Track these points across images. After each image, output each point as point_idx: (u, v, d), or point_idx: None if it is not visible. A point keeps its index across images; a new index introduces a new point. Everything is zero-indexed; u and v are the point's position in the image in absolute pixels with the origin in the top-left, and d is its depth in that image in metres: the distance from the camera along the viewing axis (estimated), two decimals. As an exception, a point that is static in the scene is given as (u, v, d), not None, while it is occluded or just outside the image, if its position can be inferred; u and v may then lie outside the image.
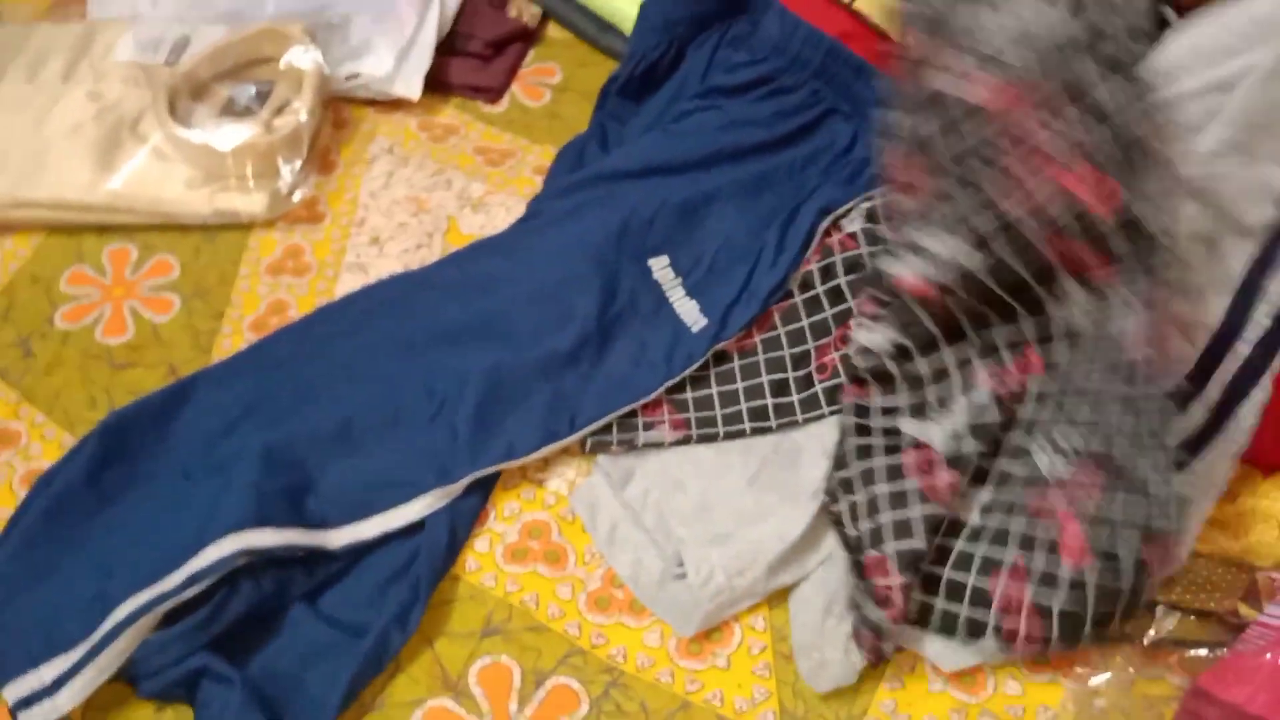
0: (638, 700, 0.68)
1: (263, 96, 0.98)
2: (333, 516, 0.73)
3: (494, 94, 1.08)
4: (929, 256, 0.68)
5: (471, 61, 1.09)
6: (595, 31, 1.12)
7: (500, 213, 0.96)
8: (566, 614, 0.72)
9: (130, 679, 0.67)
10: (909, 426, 0.73)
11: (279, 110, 0.97)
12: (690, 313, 0.84)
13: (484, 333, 0.82)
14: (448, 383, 0.80)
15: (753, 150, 0.91)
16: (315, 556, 0.72)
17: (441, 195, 0.98)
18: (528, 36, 1.12)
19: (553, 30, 1.14)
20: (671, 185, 0.90)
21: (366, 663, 0.67)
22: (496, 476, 0.78)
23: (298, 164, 0.95)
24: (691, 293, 0.86)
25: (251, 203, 0.94)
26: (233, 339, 0.88)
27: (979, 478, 0.71)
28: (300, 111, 0.96)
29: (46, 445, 0.81)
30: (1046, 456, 0.67)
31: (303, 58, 0.99)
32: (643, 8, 1.01)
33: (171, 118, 0.95)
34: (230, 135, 0.94)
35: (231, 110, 0.98)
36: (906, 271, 0.70)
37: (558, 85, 1.09)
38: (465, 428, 0.78)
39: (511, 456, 0.76)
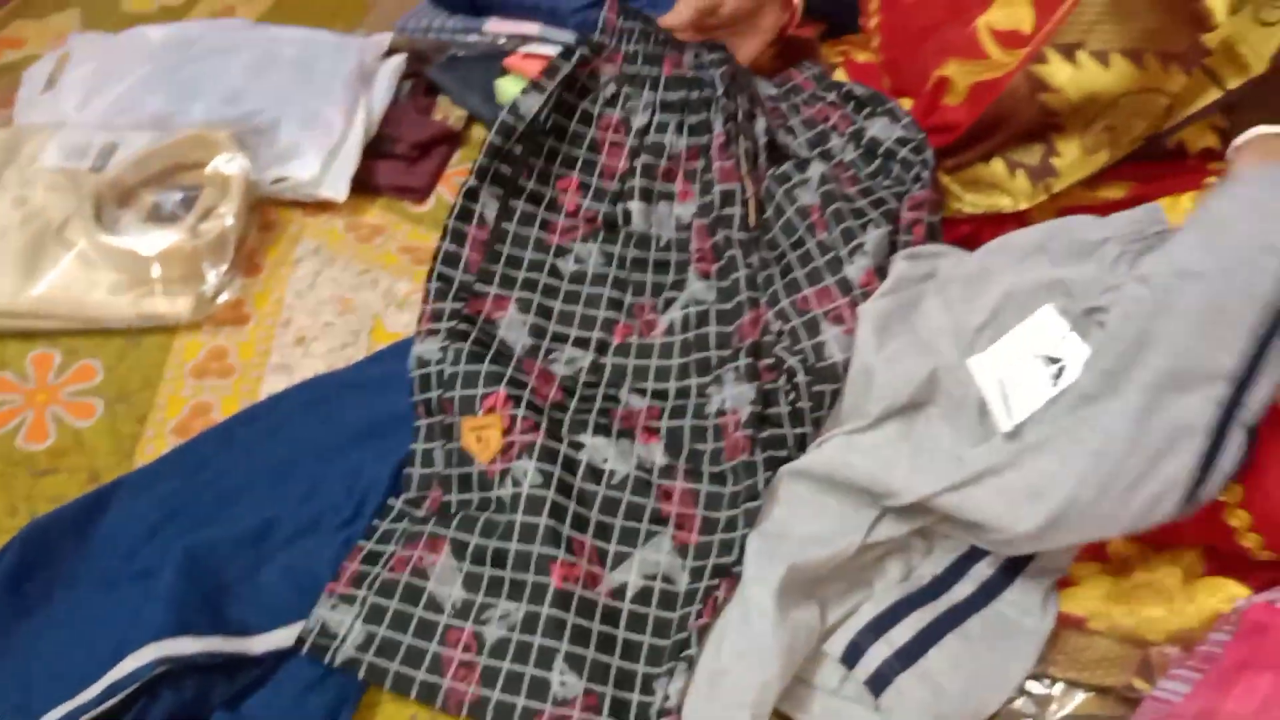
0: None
1: (189, 202, 1.00)
2: (254, 623, 0.73)
3: (420, 194, 1.10)
4: None
5: (398, 163, 1.12)
6: (519, 133, 1.15)
7: (425, 311, 0.98)
8: (490, 712, 0.72)
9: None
10: None
11: (205, 215, 0.99)
12: None
13: (405, 431, 0.84)
14: (368, 482, 0.81)
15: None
16: (237, 662, 0.72)
17: (367, 295, 0.99)
18: (453, 138, 1.16)
19: (478, 131, 1.17)
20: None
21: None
22: (420, 575, 0.79)
23: (223, 267, 0.97)
24: None
25: (176, 306, 0.95)
26: (155, 443, 0.88)
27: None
28: (226, 216, 0.98)
29: (-36, 555, 0.81)
30: None
31: (229, 164, 1.01)
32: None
33: (97, 224, 0.96)
34: (155, 240, 0.95)
35: (157, 216, 1.00)
36: None
37: (482, 185, 1.11)
38: (385, 528, 0.79)
39: (435, 555, 0.77)
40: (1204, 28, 0.81)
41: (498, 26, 1.19)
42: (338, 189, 1.05)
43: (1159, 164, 0.91)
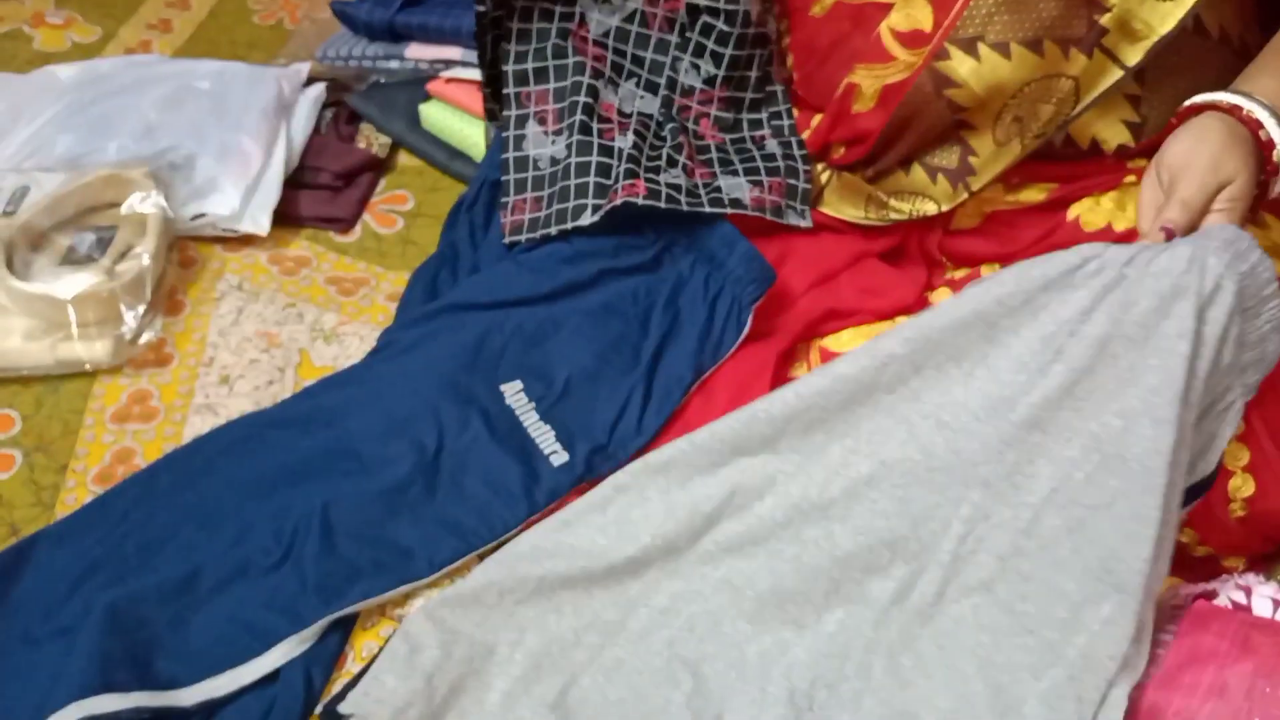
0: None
1: (104, 243, 0.98)
2: (183, 675, 0.71)
3: (346, 224, 1.09)
4: None
5: (322, 193, 1.10)
6: (445, 158, 1.14)
7: (354, 342, 0.96)
8: (430, 752, 0.71)
9: None
10: None
11: (122, 256, 0.97)
12: (547, 440, 0.84)
13: (333, 467, 0.82)
14: (296, 522, 0.79)
15: (598, 279, 0.93)
16: (166, 715, 0.69)
17: (293, 329, 0.98)
18: (377, 166, 1.14)
19: (403, 158, 1.16)
20: (520, 315, 0.91)
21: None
22: (355, 616, 0.77)
23: (141, 309, 0.94)
24: (544, 418, 0.86)
25: (95, 350, 0.93)
26: (77, 493, 0.85)
27: None
28: (143, 256, 0.96)
29: (-123, 618, 0.77)
30: None
31: (144, 202, 0.99)
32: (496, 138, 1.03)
33: (9, 270, 0.93)
34: (71, 284, 0.93)
35: (72, 258, 0.97)
36: None
37: (410, 212, 1.10)
38: (314, 569, 0.76)
39: (366, 597, 0.75)
40: (1099, 9, 0.82)
41: (419, 52, 1.18)
42: (259, 222, 1.03)
43: (1077, 164, 0.92)
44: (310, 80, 1.18)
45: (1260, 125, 0.75)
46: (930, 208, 0.94)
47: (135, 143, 1.07)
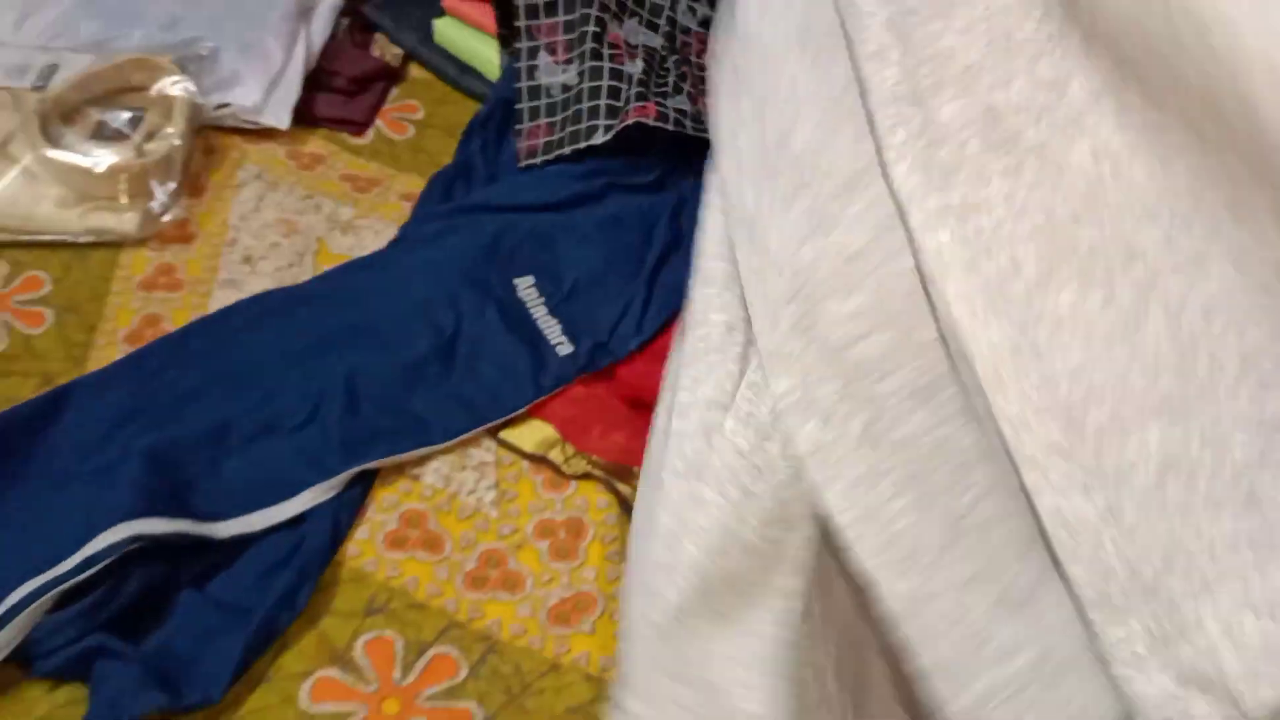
0: (512, 663, 0.75)
1: (134, 121, 1.02)
2: (219, 510, 0.78)
3: (359, 127, 1.14)
4: None
5: (337, 96, 1.15)
6: (455, 73, 1.20)
7: (369, 235, 1.02)
8: (444, 593, 0.78)
9: (25, 660, 0.70)
10: None
11: (150, 135, 1.01)
12: (554, 332, 0.92)
13: (356, 341, 0.89)
14: (322, 388, 0.86)
15: (606, 193, 1.01)
16: (202, 545, 0.76)
17: (311, 219, 1.03)
18: (391, 75, 1.20)
19: (414, 70, 1.21)
20: (534, 219, 0.98)
21: (256, 640, 0.72)
22: (375, 472, 0.84)
23: (170, 186, 0.99)
24: (553, 312, 0.94)
25: (123, 222, 0.98)
26: (107, 351, 0.91)
27: None
28: (173, 136, 1.01)
29: (-81, 451, 0.83)
30: None
31: (174, 86, 1.04)
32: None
33: (44, 139, 0.98)
34: (103, 157, 0.97)
35: (102, 134, 1.02)
36: None
37: (420, 121, 1.16)
38: (338, 429, 0.84)
39: (387, 455, 0.83)
40: None
41: (434, -32, 1.22)
42: (280, 117, 1.09)
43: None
44: (327, -12, 1.23)
45: None
46: None
47: (160, 32, 1.11)
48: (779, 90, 0.69)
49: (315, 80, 1.14)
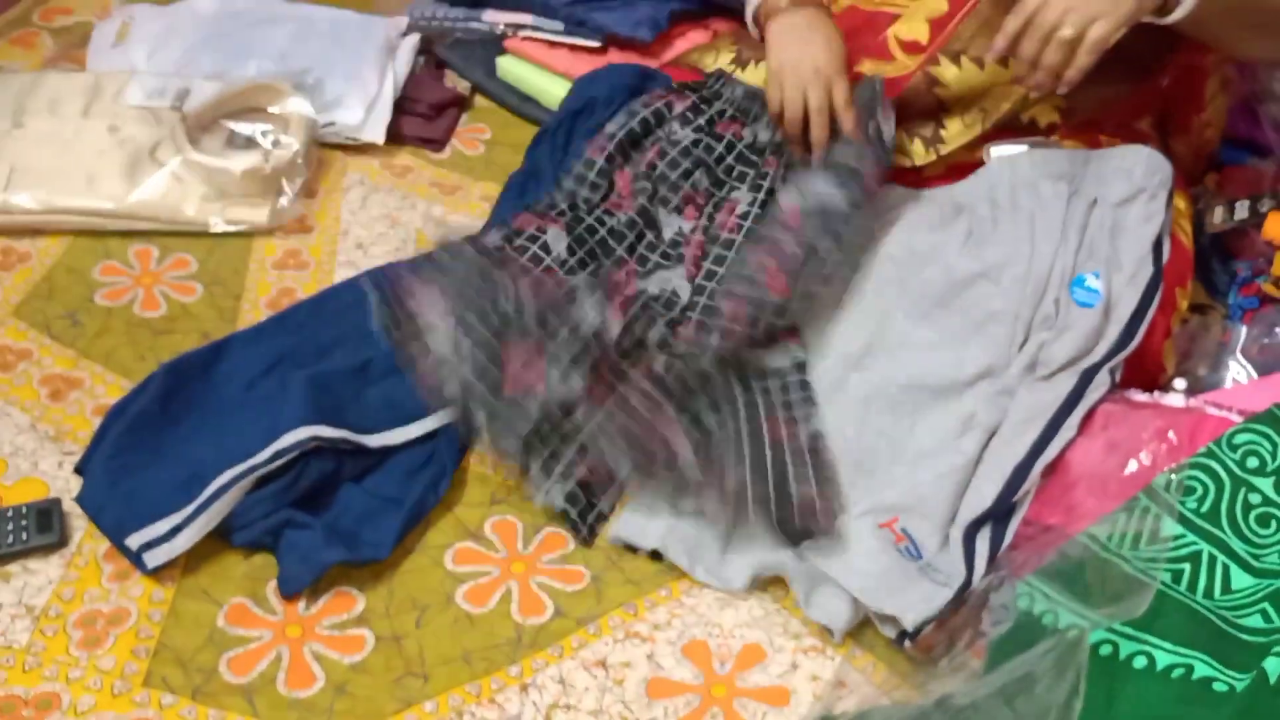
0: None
1: (263, 133, 1.22)
2: (369, 426, 0.96)
3: (438, 145, 1.35)
4: None
5: (419, 119, 1.36)
6: (516, 102, 1.41)
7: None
8: (552, 491, 0.97)
9: (226, 532, 0.87)
10: None
11: (275, 146, 1.21)
12: None
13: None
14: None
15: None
16: (358, 450, 0.94)
17: (409, 214, 1.23)
18: (462, 103, 1.40)
19: (481, 100, 1.42)
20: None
21: (410, 516, 0.90)
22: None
23: (294, 185, 1.19)
24: None
25: (256, 214, 1.17)
26: (252, 313, 1.09)
27: None
28: (295, 145, 1.20)
29: (109, 387, 1.00)
30: None
31: (294, 105, 1.24)
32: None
33: (191, 146, 1.17)
34: (239, 160, 1.17)
35: (234, 144, 1.21)
36: None
37: (489, 140, 1.37)
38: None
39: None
40: None
41: (495, 16, 1.44)
42: (377, 133, 1.29)
43: (1016, 133, 1.22)
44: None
45: None
46: (905, 161, 1.23)
47: (272, 64, 1.32)
48: None
49: (400, 106, 1.34)
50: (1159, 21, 0.95)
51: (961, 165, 1.22)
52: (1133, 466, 0.87)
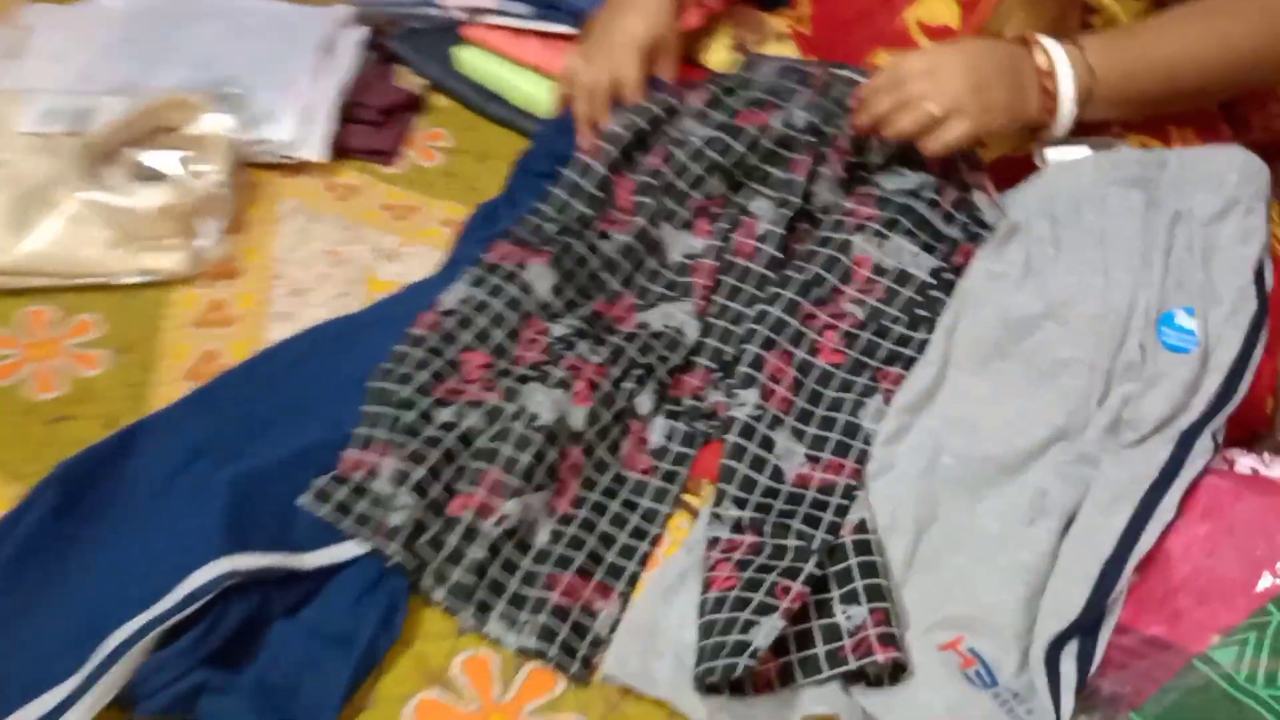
0: (611, 672, 0.76)
1: (175, 162, 1.03)
2: (307, 542, 0.78)
3: (389, 156, 1.15)
4: None
5: (366, 127, 1.16)
6: (480, 100, 1.21)
7: (415, 262, 1.03)
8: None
9: (129, 701, 0.70)
10: None
11: (192, 175, 1.02)
12: None
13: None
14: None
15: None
16: (291, 577, 0.76)
17: (356, 248, 1.04)
18: (415, 104, 1.21)
19: (437, 99, 1.23)
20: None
21: (361, 666, 0.72)
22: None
23: (215, 223, 1.00)
24: None
25: (172, 260, 0.98)
26: (169, 389, 0.91)
27: None
28: (215, 173, 1.01)
29: (-7, 498, 0.82)
30: None
31: (212, 124, 1.04)
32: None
33: (91, 182, 0.98)
34: (147, 197, 0.98)
35: (143, 174, 1.02)
36: None
37: (449, 148, 1.17)
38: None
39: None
40: (1092, 12, 0.95)
41: (452, 0, 1.24)
42: (315, 149, 1.10)
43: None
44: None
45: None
46: None
47: (193, 72, 1.12)
48: None
49: (344, 112, 1.15)
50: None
51: (1003, 163, 1.04)
52: (1266, 580, 0.69)
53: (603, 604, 0.79)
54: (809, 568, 0.74)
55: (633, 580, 0.82)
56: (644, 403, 0.89)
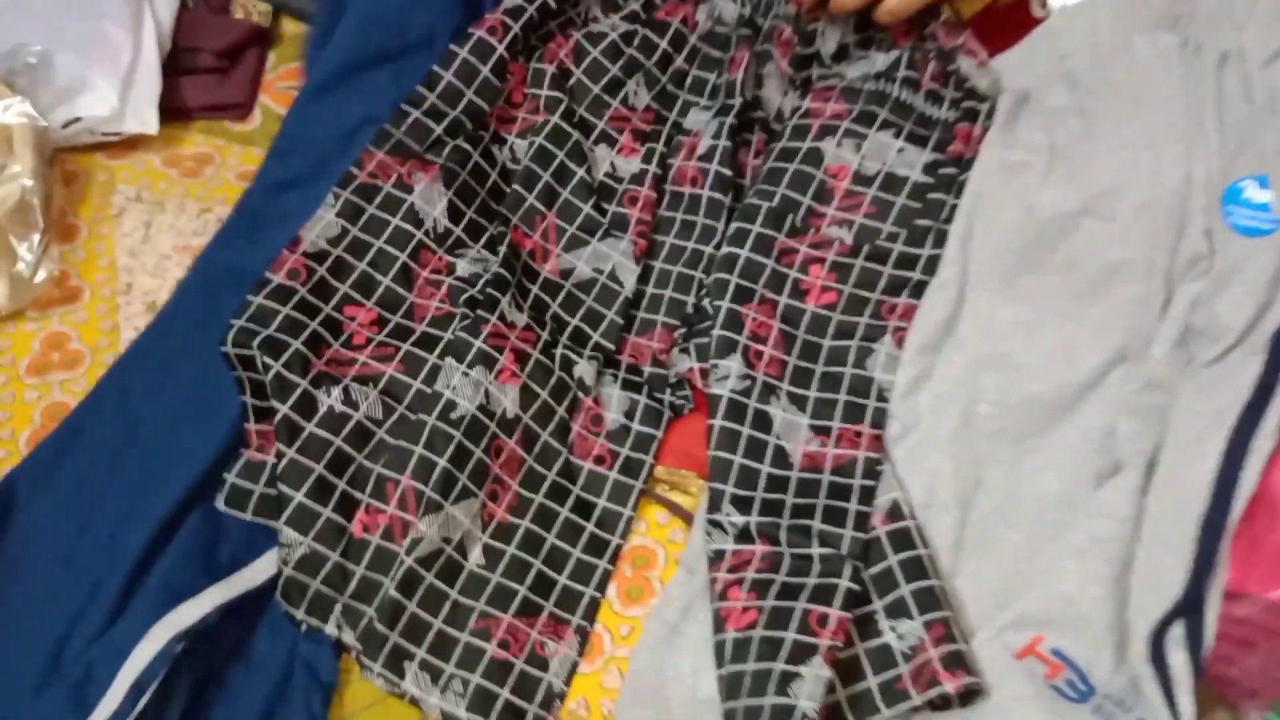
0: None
1: (-34, 167, 0.82)
2: (243, 554, 0.65)
3: (241, 109, 0.95)
4: None
5: (206, 78, 0.95)
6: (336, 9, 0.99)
7: (291, 240, 0.84)
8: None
9: None
10: None
11: (-7, 179, 0.81)
12: None
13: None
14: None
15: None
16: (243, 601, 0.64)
17: (216, 236, 0.84)
18: (262, 37, 0.99)
19: (289, 26, 1.01)
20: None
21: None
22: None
23: (35, 238, 0.80)
24: None
25: (-12, 296, 0.78)
26: (8, 461, 0.73)
27: None
28: (22, 176, 0.80)
29: None
30: None
31: (7, 113, 0.83)
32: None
33: None
34: (-61, 221, 0.77)
35: (-71, 191, 0.81)
36: None
37: (313, 87, 0.96)
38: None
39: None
40: None
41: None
42: (146, 120, 0.89)
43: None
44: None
45: None
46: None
47: (-31, 45, 0.89)
48: None
49: (175, 64, 0.94)
50: None
51: (990, 18, 0.85)
52: None
53: (555, 645, 0.64)
54: (844, 582, 0.60)
55: (593, 608, 0.67)
56: (586, 372, 0.72)
